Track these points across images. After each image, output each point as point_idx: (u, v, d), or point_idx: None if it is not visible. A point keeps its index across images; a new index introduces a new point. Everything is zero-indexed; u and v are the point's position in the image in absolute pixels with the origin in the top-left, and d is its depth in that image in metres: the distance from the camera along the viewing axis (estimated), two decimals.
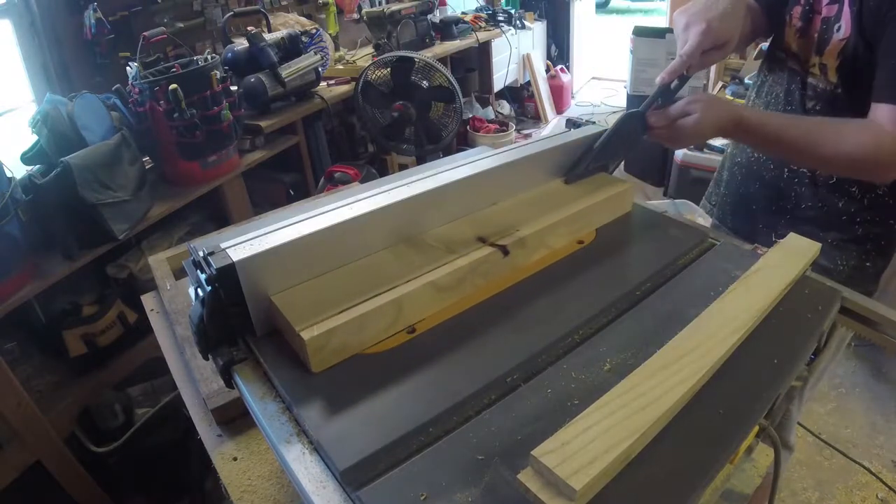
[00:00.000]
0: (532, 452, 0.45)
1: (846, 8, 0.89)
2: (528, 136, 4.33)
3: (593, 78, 5.86)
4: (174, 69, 1.82)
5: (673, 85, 0.86)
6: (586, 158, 0.87)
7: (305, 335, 0.57)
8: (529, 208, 0.81)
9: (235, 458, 0.77)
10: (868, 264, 1.03)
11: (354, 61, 2.95)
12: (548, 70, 4.87)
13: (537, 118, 4.74)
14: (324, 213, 0.67)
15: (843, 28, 0.90)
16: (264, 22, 2.57)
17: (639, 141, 0.90)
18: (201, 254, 0.60)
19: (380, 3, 3.47)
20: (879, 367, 2.23)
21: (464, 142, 3.85)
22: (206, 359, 0.65)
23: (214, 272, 0.58)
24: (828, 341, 0.98)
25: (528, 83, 4.69)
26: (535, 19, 4.67)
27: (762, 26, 1.06)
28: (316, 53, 2.48)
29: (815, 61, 0.97)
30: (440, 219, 0.77)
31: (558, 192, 0.87)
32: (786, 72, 1.04)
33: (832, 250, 1.02)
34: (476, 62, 4.08)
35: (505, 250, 0.73)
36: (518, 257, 0.75)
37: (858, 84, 0.88)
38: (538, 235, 0.77)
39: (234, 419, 0.82)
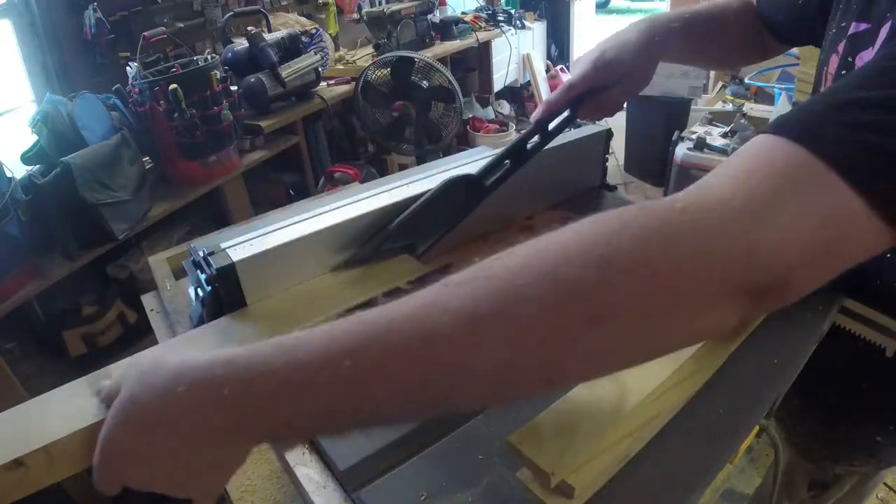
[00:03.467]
0: None
1: None
2: None
3: None
4: (174, 69, 1.82)
5: (552, 126, 0.68)
6: (382, 233, 0.65)
7: None
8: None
9: None
10: None
11: (354, 61, 2.95)
12: (548, 70, 4.87)
13: None
14: (324, 212, 0.67)
15: None
16: (264, 22, 2.57)
17: (468, 212, 0.69)
18: (201, 254, 0.60)
19: (380, 3, 3.47)
20: None
21: (464, 142, 3.84)
22: None
23: (214, 272, 0.58)
24: (836, 481, 0.83)
25: (528, 83, 4.68)
26: (535, 19, 4.67)
27: (751, 48, 0.78)
28: (316, 53, 2.48)
29: None
30: None
31: (330, 287, 0.64)
32: None
33: None
34: (476, 62, 4.07)
35: None
36: None
37: None
38: None
39: None
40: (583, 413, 0.45)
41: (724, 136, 2.77)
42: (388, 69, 2.34)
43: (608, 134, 0.95)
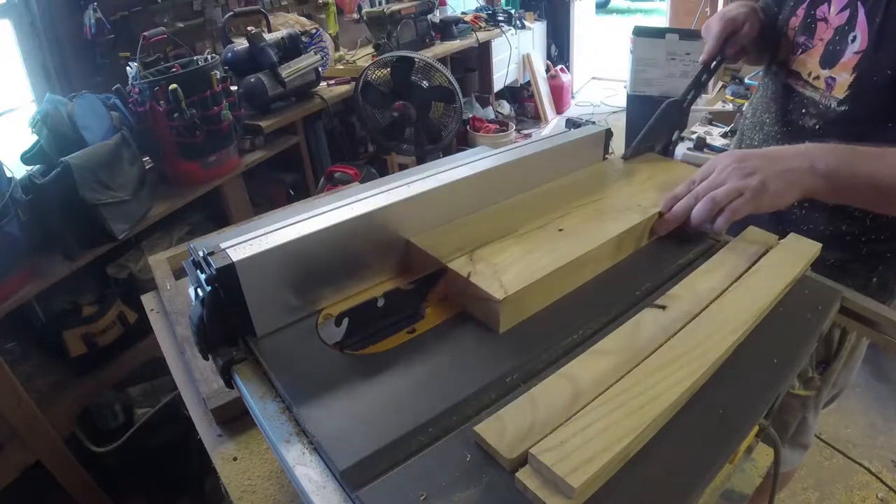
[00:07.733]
0: (530, 450, 0.45)
1: (861, 16, 0.83)
2: (528, 135, 4.33)
3: (593, 78, 5.86)
4: (174, 69, 1.82)
5: (713, 65, 0.99)
6: (639, 141, 0.99)
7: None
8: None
9: (235, 458, 0.77)
10: (875, 279, 0.97)
11: (354, 61, 2.95)
12: (548, 70, 4.87)
13: (537, 118, 4.74)
14: (324, 212, 0.67)
15: (859, 39, 0.84)
16: (264, 22, 2.57)
17: (678, 126, 1.03)
18: (201, 254, 0.60)
19: (380, 3, 3.47)
20: (879, 367, 2.23)
21: (464, 142, 3.85)
22: (206, 359, 0.65)
23: (214, 272, 0.58)
24: (839, 350, 1.00)
25: (528, 83, 4.69)
26: (535, 19, 4.67)
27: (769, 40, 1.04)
28: (316, 53, 2.49)
29: (817, 74, 0.91)
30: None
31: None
32: (780, 87, 1.00)
33: (837, 272, 0.88)
34: (476, 62, 4.08)
35: None
36: None
37: (872, 101, 0.83)
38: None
39: (234, 419, 0.82)
40: (540, 407, 0.50)
41: (724, 135, 2.76)
42: (388, 69, 2.34)
43: (608, 134, 0.95)
